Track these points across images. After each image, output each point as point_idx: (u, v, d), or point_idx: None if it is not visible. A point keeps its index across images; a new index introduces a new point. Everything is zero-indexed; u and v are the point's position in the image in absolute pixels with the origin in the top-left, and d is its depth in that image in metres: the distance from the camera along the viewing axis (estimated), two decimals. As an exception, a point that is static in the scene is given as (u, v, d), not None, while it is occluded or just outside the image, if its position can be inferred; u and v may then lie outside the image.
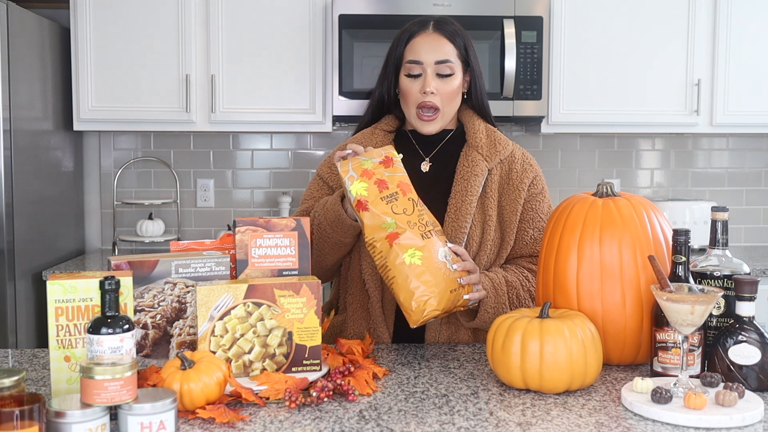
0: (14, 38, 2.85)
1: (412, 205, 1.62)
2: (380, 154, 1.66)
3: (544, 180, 1.89)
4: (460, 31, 1.83)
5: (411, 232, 1.59)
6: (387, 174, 1.64)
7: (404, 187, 1.63)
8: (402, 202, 1.62)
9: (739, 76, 3.37)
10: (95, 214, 3.71)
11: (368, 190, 1.61)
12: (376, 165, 1.64)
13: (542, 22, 3.20)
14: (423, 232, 1.60)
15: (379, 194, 1.61)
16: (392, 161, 1.66)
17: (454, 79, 1.80)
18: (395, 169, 1.65)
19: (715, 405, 1.28)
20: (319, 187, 1.91)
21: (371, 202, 1.61)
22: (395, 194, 1.62)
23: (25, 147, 2.96)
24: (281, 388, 1.35)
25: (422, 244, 1.58)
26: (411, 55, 1.79)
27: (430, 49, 1.78)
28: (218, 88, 3.29)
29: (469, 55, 1.83)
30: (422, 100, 1.78)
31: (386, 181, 1.62)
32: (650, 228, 1.52)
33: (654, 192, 3.81)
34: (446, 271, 1.58)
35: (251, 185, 3.73)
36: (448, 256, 1.61)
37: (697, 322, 1.32)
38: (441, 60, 1.78)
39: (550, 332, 1.38)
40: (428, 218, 1.63)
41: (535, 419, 1.27)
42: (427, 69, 1.77)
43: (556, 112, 3.35)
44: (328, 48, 3.27)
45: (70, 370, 1.28)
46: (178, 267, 1.44)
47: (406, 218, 1.60)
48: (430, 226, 1.62)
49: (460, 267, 1.61)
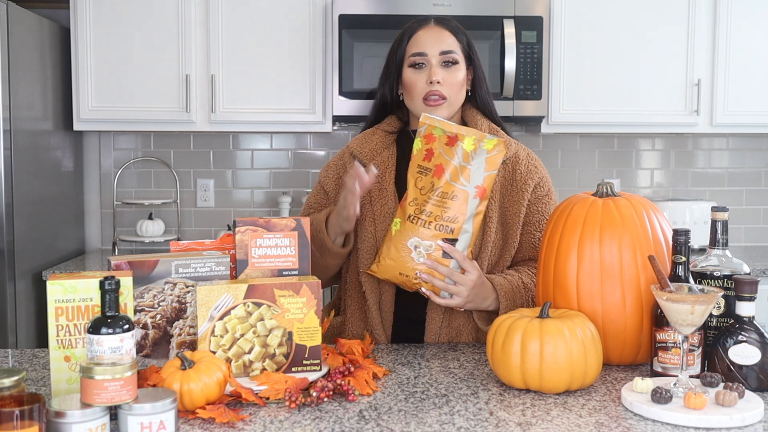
0: (14, 38, 2.85)
1: (430, 187, 1.66)
2: (453, 131, 1.68)
3: (550, 182, 1.88)
4: (461, 28, 1.84)
5: (407, 208, 1.67)
6: (440, 150, 1.67)
7: (438, 170, 1.66)
8: (426, 180, 1.67)
9: (739, 76, 3.37)
10: (95, 214, 3.71)
11: (418, 151, 1.70)
12: (441, 136, 1.68)
13: (542, 22, 3.20)
14: (413, 214, 1.66)
15: (421, 161, 1.69)
16: (455, 142, 1.67)
17: (459, 69, 1.79)
18: (449, 151, 1.66)
19: (715, 405, 1.28)
20: (317, 192, 1.92)
21: (411, 164, 1.71)
22: (428, 170, 1.68)
23: (25, 147, 2.96)
24: (281, 388, 1.35)
25: (404, 223, 1.66)
26: (415, 48, 1.79)
27: (434, 42, 1.78)
28: (218, 88, 3.29)
29: (472, 51, 1.83)
30: (429, 90, 1.77)
31: (433, 155, 1.67)
32: (650, 228, 1.52)
33: (654, 192, 3.81)
34: (406, 258, 1.65)
35: (251, 185, 3.73)
36: (422, 249, 1.64)
37: (697, 322, 1.32)
38: (445, 50, 1.78)
39: (550, 332, 1.38)
40: (432, 209, 1.64)
41: (535, 419, 1.27)
42: (432, 60, 1.78)
43: (556, 112, 3.35)
44: (328, 48, 3.27)
45: (70, 370, 1.28)
46: (178, 267, 1.44)
47: (416, 195, 1.67)
48: (426, 216, 1.64)
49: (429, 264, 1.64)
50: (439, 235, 1.64)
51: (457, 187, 1.64)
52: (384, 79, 1.87)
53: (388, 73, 1.85)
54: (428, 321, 1.78)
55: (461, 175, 1.64)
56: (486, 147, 1.65)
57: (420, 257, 1.65)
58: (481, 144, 1.65)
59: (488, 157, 1.65)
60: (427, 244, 1.64)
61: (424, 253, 1.64)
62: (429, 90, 1.77)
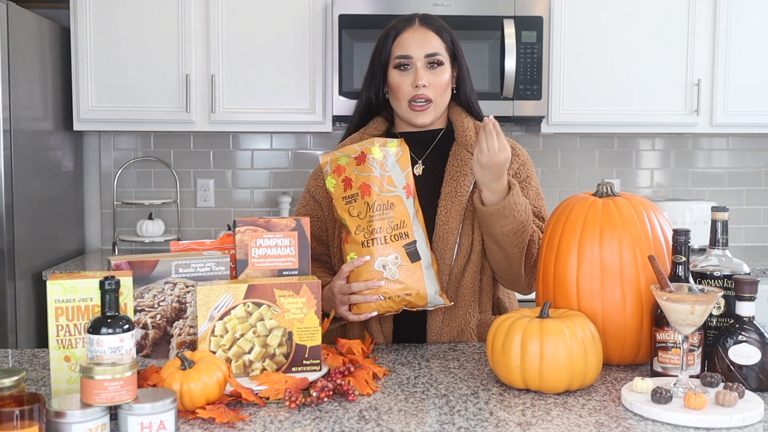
0: (14, 38, 2.85)
1: (366, 208, 1.66)
2: (356, 150, 1.69)
3: (532, 167, 1.89)
4: (446, 26, 1.83)
5: (356, 236, 1.66)
6: (356, 172, 1.68)
7: (364, 190, 1.66)
8: (358, 204, 1.67)
9: (739, 76, 3.37)
10: (95, 214, 3.71)
11: (335, 187, 1.70)
12: (349, 161, 1.69)
13: (542, 22, 3.20)
14: (366, 239, 1.65)
15: (343, 193, 1.68)
16: (365, 159, 1.68)
17: (445, 70, 1.79)
18: (364, 168, 1.67)
19: (715, 405, 1.28)
20: (306, 203, 1.92)
21: (335, 199, 1.70)
22: (355, 196, 1.67)
23: (25, 147, 2.96)
24: (281, 388, 1.35)
25: (360, 251, 1.65)
26: (400, 51, 1.79)
27: (419, 44, 1.78)
28: (218, 88, 3.29)
29: (456, 50, 1.83)
30: (414, 94, 1.77)
31: (352, 181, 1.68)
32: (650, 228, 1.52)
33: (654, 192, 3.81)
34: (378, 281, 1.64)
35: (251, 185, 3.73)
36: (391, 266, 1.64)
37: (697, 322, 1.32)
38: (430, 53, 1.78)
39: (550, 332, 1.38)
40: (379, 224, 1.65)
41: (535, 419, 1.27)
42: (417, 63, 1.77)
43: (556, 112, 3.34)
44: (328, 48, 3.27)
45: (70, 370, 1.28)
46: (178, 267, 1.44)
47: (357, 222, 1.66)
48: (377, 233, 1.64)
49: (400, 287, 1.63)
50: (398, 244, 1.65)
51: (390, 195, 1.67)
52: (369, 80, 1.86)
53: (373, 74, 1.84)
54: (429, 322, 1.78)
55: (386, 183, 1.67)
56: (391, 150, 1.69)
57: (392, 275, 1.64)
58: (386, 149, 1.69)
59: (397, 158, 1.70)
60: (391, 258, 1.64)
61: (393, 269, 1.64)
62: (415, 93, 1.77)
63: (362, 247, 1.65)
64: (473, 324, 1.79)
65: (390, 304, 1.65)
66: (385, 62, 1.81)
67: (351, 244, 1.67)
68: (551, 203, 1.91)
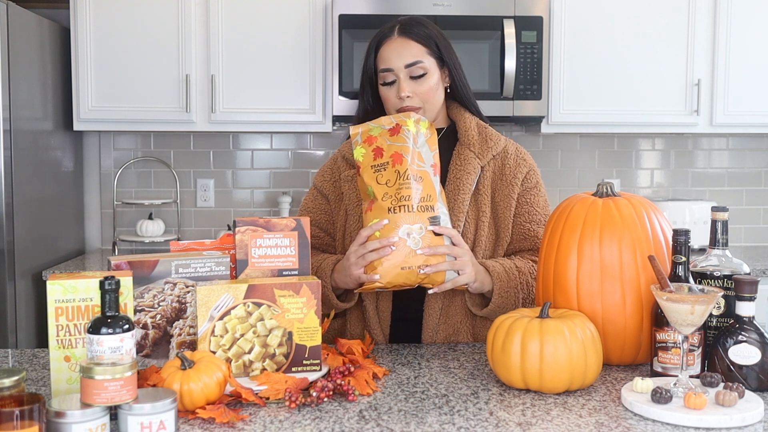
0: (14, 38, 2.85)
1: (395, 176, 1.65)
2: (391, 122, 1.70)
3: (539, 174, 1.89)
4: (427, 29, 1.80)
5: (382, 203, 1.64)
6: (388, 142, 1.67)
7: (396, 158, 1.66)
8: (388, 172, 1.65)
9: (739, 76, 3.37)
10: (95, 214, 3.71)
11: (365, 156, 1.69)
12: (382, 132, 1.69)
13: (542, 22, 3.20)
14: (393, 206, 1.63)
15: (373, 161, 1.67)
16: (400, 129, 1.68)
17: (429, 78, 1.79)
18: (398, 139, 1.67)
19: (715, 405, 1.28)
20: (314, 197, 1.93)
21: (363, 168, 1.68)
22: (385, 164, 1.66)
23: (25, 147, 2.96)
24: (281, 388, 1.35)
25: (386, 216, 1.62)
26: (382, 64, 1.79)
27: (398, 55, 1.77)
28: (218, 88, 3.29)
29: (441, 51, 1.81)
30: (401, 105, 1.78)
31: (383, 150, 1.67)
32: (650, 228, 1.52)
33: (654, 192, 3.81)
34: (403, 249, 1.60)
35: (251, 185, 3.73)
36: (415, 234, 1.61)
37: (697, 322, 1.32)
38: (410, 63, 1.77)
39: (550, 332, 1.38)
40: (408, 192, 1.63)
41: (535, 419, 1.27)
42: (399, 74, 1.77)
43: (556, 112, 3.34)
44: (328, 48, 3.27)
45: (70, 370, 1.28)
46: (178, 267, 1.44)
47: (385, 189, 1.65)
48: (405, 200, 1.62)
49: (429, 252, 1.61)
50: (423, 215, 1.63)
51: (420, 168, 1.67)
52: (362, 91, 1.87)
53: (363, 87, 1.86)
54: (425, 319, 1.78)
55: (417, 158, 1.68)
56: (423, 129, 1.71)
57: (415, 244, 1.61)
58: (419, 126, 1.70)
59: (427, 139, 1.72)
60: (417, 227, 1.62)
61: (417, 238, 1.62)
62: (401, 105, 1.78)
63: (388, 213, 1.62)
64: (469, 323, 1.80)
65: (408, 276, 1.61)
66: (371, 76, 1.83)
67: (375, 211, 1.64)
68: (551, 203, 1.91)
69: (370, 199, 1.67)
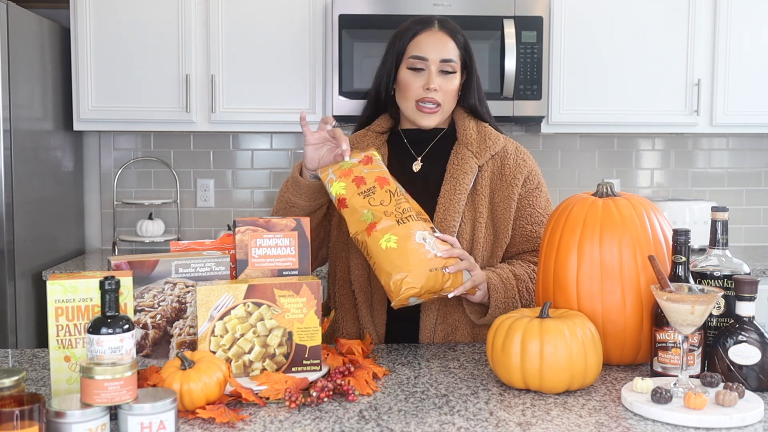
0: (14, 38, 2.85)
1: (389, 195, 1.64)
2: (359, 155, 1.70)
3: (540, 175, 1.88)
4: (462, 35, 1.83)
5: (386, 220, 1.61)
6: (366, 171, 1.67)
7: (381, 181, 1.66)
8: (379, 194, 1.65)
9: (739, 76, 3.37)
10: (95, 214, 3.71)
11: (346, 188, 1.66)
12: (355, 164, 1.68)
13: (542, 22, 3.20)
14: (399, 218, 1.62)
15: (357, 190, 1.65)
16: (372, 159, 1.69)
17: (455, 78, 1.80)
18: (374, 166, 1.68)
19: (715, 405, 1.28)
20: None
21: (349, 199, 1.65)
22: (372, 188, 1.65)
23: (25, 147, 2.96)
24: (281, 388, 1.35)
25: (397, 228, 1.60)
26: (416, 51, 1.78)
27: (436, 47, 1.78)
28: (218, 88, 3.29)
29: (468, 56, 1.83)
30: (424, 96, 1.77)
31: (364, 178, 1.66)
32: (650, 228, 1.52)
33: (654, 192, 3.81)
34: (425, 252, 1.59)
35: (251, 185, 3.73)
36: (429, 239, 1.61)
37: (697, 322, 1.32)
38: (446, 59, 1.78)
39: (550, 332, 1.38)
40: (407, 205, 1.64)
41: (535, 419, 1.27)
42: (432, 66, 1.77)
43: (556, 112, 3.34)
44: (328, 48, 3.27)
45: (70, 370, 1.28)
46: (178, 267, 1.44)
47: (383, 208, 1.63)
48: (409, 212, 1.62)
49: (446, 254, 1.60)
50: (426, 224, 1.64)
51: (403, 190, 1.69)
52: (380, 72, 1.85)
53: (385, 67, 1.84)
54: (422, 319, 1.78)
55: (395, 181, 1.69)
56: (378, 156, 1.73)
57: (432, 248, 1.59)
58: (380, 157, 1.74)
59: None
60: (427, 233, 1.62)
61: (432, 242, 1.60)
62: (424, 95, 1.77)
63: (398, 225, 1.60)
64: (467, 323, 1.80)
65: (436, 278, 1.58)
66: (398, 59, 1.81)
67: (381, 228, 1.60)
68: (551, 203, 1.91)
69: (369, 223, 1.61)
